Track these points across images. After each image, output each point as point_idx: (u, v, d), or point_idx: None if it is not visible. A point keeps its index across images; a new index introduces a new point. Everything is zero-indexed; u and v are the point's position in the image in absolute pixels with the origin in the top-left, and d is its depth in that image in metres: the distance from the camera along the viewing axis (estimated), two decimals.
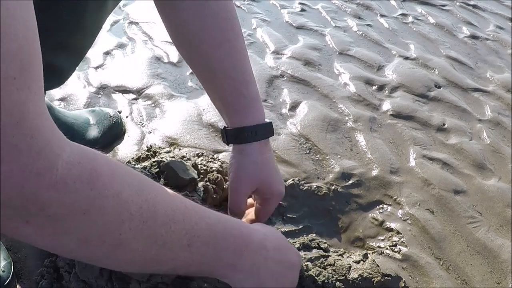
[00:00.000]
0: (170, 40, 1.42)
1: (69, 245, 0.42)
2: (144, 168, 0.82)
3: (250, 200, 0.80)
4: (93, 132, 1.00)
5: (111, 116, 1.04)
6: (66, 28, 0.72)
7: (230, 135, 0.73)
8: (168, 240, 0.47)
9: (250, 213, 0.79)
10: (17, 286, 0.73)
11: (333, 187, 0.98)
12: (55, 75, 0.81)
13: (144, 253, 0.46)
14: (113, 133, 1.04)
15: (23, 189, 0.35)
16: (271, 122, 0.73)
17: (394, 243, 0.88)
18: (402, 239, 0.89)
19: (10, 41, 0.32)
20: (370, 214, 0.94)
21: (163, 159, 0.84)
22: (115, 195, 0.42)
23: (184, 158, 0.91)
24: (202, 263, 0.52)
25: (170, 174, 0.78)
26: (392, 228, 0.91)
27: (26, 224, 0.38)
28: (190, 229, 0.49)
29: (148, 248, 0.45)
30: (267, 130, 0.72)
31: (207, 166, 0.89)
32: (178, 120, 1.12)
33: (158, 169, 0.82)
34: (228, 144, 0.74)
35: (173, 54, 1.38)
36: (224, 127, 0.75)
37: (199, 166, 0.88)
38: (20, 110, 0.34)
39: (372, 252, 0.85)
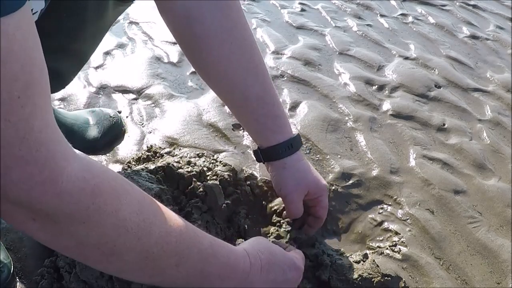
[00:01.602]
0: (170, 40, 1.43)
1: (67, 246, 0.46)
2: (150, 172, 0.82)
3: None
4: (93, 133, 1.00)
5: (111, 117, 1.04)
6: (66, 32, 0.72)
7: (266, 154, 0.79)
8: (158, 258, 0.50)
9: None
10: (17, 285, 0.73)
11: (333, 187, 0.98)
12: (56, 79, 0.81)
13: (134, 265, 0.49)
14: (113, 134, 1.04)
15: (29, 195, 0.40)
16: (298, 133, 0.81)
17: (394, 243, 0.88)
18: (402, 239, 0.89)
19: (12, 63, 0.35)
20: (370, 214, 0.94)
21: (171, 164, 0.84)
22: (114, 211, 0.45)
23: (184, 158, 0.91)
24: (188, 282, 0.55)
25: (210, 196, 0.81)
26: (392, 228, 0.91)
27: (33, 221, 0.42)
28: (180, 252, 0.52)
29: (139, 261, 0.49)
30: (298, 141, 0.79)
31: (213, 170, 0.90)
32: (178, 120, 1.12)
33: (163, 173, 0.82)
34: (263, 163, 0.81)
35: (173, 54, 1.38)
36: (258, 148, 0.80)
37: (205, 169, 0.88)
38: (25, 125, 0.37)
39: (372, 252, 0.85)
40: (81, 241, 0.45)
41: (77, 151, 0.44)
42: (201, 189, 0.81)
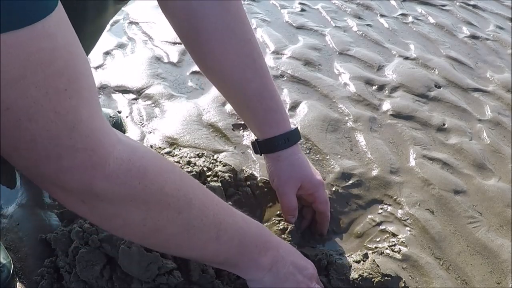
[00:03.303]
0: (170, 40, 1.43)
1: (115, 224, 0.49)
2: None
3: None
4: None
5: (111, 117, 1.04)
6: None
7: (263, 146, 0.81)
8: (198, 231, 0.53)
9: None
10: (17, 285, 0.73)
11: (333, 188, 0.98)
12: None
13: (177, 238, 0.53)
14: None
15: (80, 180, 0.43)
16: (297, 128, 0.81)
17: (394, 243, 0.88)
18: (402, 239, 0.89)
19: (57, 61, 0.38)
20: (370, 214, 0.94)
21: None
22: (158, 189, 0.49)
23: (184, 158, 0.91)
24: (228, 256, 0.58)
25: None
26: (392, 228, 0.91)
27: (82, 203, 0.46)
28: (218, 224, 0.55)
29: (181, 235, 0.53)
30: (296, 135, 0.80)
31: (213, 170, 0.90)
32: (178, 120, 1.12)
33: None
34: (260, 154, 0.83)
35: (173, 54, 1.38)
36: (256, 139, 0.82)
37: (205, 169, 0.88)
38: (73, 116, 0.40)
39: (372, 252, 0.85)
40: (128, 219, 0.48)
41: (121, 136, 0.47)
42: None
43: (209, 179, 0.86)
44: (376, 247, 0.87)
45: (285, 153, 0.79)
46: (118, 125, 1.05)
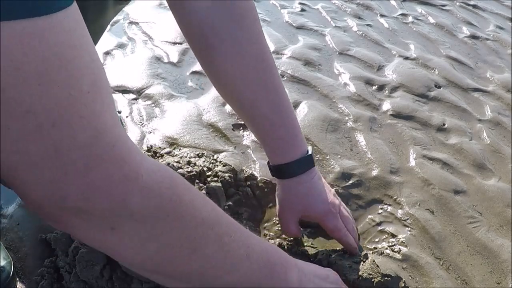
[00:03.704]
0: (170, 40, 1.43)
1: (149, 251, 0.43)
2: None
3: None
4: None
5: None
6: None
7: (272, 170, 0.80)
8: (230, 248, 0.50)
9: None
10: (17, 285, 0.73)
11: (333, 188, 0.98)
12: None
13: (213, 259, 0.48)
14: None
15: (112, 196, 0.37)
16: (310, 155, 0.77)
17: (394, 243, 0.88)
18: (401, 239, 0.89)
19: (77, 58, 0.34)
20: (370, 214, 0.94)
21: (171, 165, 0.84)
22: (190, 201, 0.45)
23: (184, 158, 0.91)
24: (260, 277, 0.54)
25: (213, 198, 0.80)
26: (392, 228, 0.91)
27: (111, 232, 0.40)
28: (245, 241, 0.52)
29: (216, 254, 0.48)
30: (305, 164, 0.76)
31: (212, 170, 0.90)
32: (178, 120, 1.12)
33: None
34: (273, 177, 0.81)
35: (173, 54, 1.38)
36: (268, 161, 0.80)
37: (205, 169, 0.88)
38: (98, 122, 0.36)
39: (372, 252, 0.85)
40: (165, 241, 0.43)
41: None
42: (203, 191, 0.81)
43: (209, 179, 0.86)
44: (376, 247, 0.87)
45: (288, 183, 0.77)
46: None
